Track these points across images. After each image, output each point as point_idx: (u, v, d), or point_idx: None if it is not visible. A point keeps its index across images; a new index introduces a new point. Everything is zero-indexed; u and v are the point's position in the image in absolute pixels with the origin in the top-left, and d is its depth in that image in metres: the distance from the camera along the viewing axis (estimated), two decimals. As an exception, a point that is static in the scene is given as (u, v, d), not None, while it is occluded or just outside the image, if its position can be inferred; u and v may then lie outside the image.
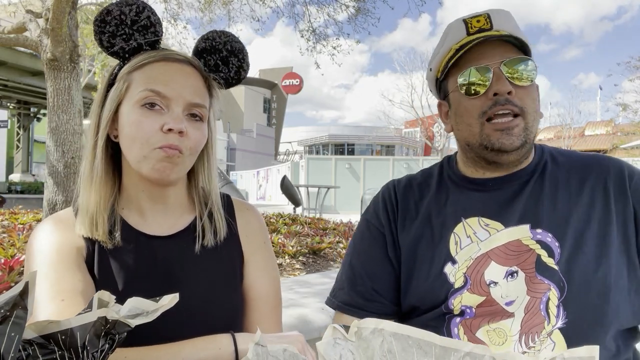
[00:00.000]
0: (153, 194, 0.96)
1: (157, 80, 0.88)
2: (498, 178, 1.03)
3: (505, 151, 0.97)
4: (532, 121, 0.97)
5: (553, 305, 0.90)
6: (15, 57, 14.77)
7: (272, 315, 1.02)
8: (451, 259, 0.99)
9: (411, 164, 19.77)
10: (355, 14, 8.08)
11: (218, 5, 8.24)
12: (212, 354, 0.82)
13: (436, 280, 0.99)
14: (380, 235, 1.09)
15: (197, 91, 0.91)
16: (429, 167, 1.18)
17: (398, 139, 44.56)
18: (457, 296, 0.96)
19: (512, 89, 0.95)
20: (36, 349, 0.46)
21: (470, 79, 0.99)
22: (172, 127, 0.86)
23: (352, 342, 0.51)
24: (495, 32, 0.97)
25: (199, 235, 0.98)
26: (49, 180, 4.55)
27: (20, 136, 20.48)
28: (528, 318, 0.91)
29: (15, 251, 3.32)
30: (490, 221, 0.99)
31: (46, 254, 0.88)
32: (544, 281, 0.91)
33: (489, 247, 0.96)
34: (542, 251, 0.93)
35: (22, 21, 5.14)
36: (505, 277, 0.93)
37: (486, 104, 0.97)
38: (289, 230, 5.41)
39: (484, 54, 0.98)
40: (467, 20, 1.01)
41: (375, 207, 1.14)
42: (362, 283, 1.07)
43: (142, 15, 0.91)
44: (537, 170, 1.02)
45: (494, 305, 0.93)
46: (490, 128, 0.97)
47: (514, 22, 1.03)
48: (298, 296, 2.81)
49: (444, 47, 1.04)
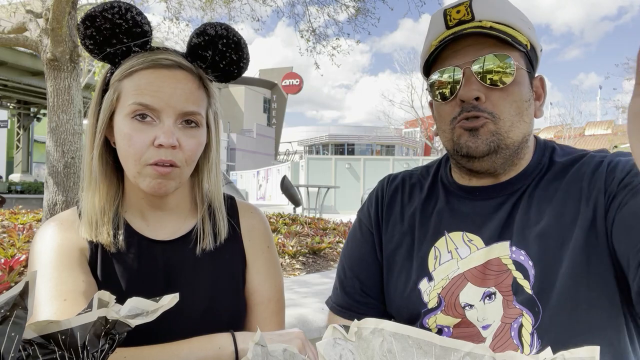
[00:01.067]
0: (153, 202, 0.95)
1: (145, 91, 0.85)
2: (487, 187, 0.94)
3: (474, 156, 0.88)
4: (508, 126, 0.86)
5: (527, 333, 0.83)
6: (15, 57, 14.76)
7: (275, 319, 1.02)
8: (428, 274, 0.93)
9: (411, 164, 19.72)
10: (355, 14, 8.09)
11: (219, 4, 8.24)
12: (212, 353, 0.81)
13: (411, 294, 0.94)
14: (370, 235, 1.05)
15: (190, 97, 0.87)
16: (429, 164, 1.11)
17: (398, 139, 44.54)
18: (432, 316, 0.91)
19: (482, 94, 0.86)
20: (36, 349, 0.46)
21: (440, 82, 0.90)
22: (163, 142, 0.84)
23: (352, 342, 0.51)
24: (476, 23, 0.88)
25: (199, 237, 0.97)
26: (49, 180, 4.55)
27: (20, 136, 20.47)
28: (496, 344, 0.85)
29: (15, 251, 3.32)
30: (473, 236, 0.91)
31: (49, 254, 0.88)
32: (516, 306, 0.84)
33: (467, 266, 0.89)
34: (518, 273, 0.85)
35: (22, 21, 5.14)
36: (482, 299, 0.87)
37: (455, 110, 0.89)
38: (289, 230, 5.41)
39: (458, 52, 0.88)
40: (447, 11, 0.91)
41: (369, 204, 1.10)
42: (352, 284, 1.04)
43: (127, 17, 0.87)
44: (530, 177, 0.92)
45: (471, 327, 0.87)
46: (459, 128, 0.89)
47: (505, 6, 0.91)
48: (298, 296, 2.81)
49: (426, 42, 0.96)
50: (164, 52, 0.90)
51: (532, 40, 0.92)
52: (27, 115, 20.30)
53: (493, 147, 0.87)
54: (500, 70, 0.86)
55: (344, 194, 17.17)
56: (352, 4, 8.01)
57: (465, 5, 0.89)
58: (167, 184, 0.87)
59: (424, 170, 1.10)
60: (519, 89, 0.88)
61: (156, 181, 0.86)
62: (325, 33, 8.61)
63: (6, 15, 7.89)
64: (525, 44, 0.90)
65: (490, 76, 0.86)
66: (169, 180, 0.87)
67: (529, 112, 0.90)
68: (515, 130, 0.87)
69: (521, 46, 0.88)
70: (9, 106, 19.91)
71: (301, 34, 8.44)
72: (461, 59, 0.88)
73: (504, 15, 0.89)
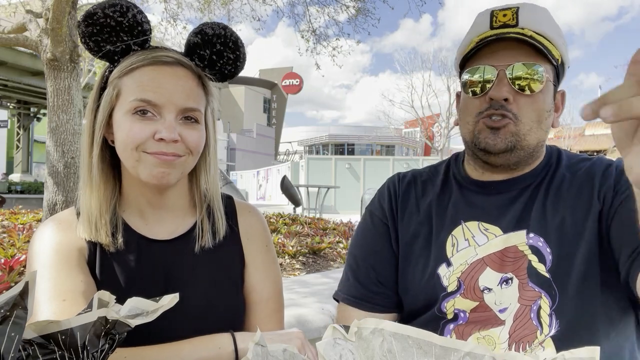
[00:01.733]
0: (151, 199, 0.95)
1: (147, 87, 0.85)
2: (500, 182, 1.00)
3: (490, 152, 0.94)
4: (527, 129, 0.92)
5: (545, 314, 0.88)
6: (15, 57, 14.76)
7: (274, 318, 1.02)
8: (446, 260, 0.97)
9: (411, 164, 19.73)
10: (355, 15, 8.09)
11: (217, 5, 8.24)
12: (212, 353, 0.81)
13: (430, 280, 0.97)
14: (384, 226, 1.08)
15: (190, 94, 0.88)
16: (436, 164, 1.16)
17: (398, 139, 44.56)
18: (450, 300, 0.95)
19: (511, 96, 0.91)
20: (36, 349, 0.46)
21: (474, 77, 0.96)
22: (165, 136, 0.84)
23: (352, 342, 0.51)
24: (519, 29, 0.93)
25: (198, 236, 0.97)
26: (49, 180, 4.55)
27: (20, 136, 20.47)
28: (517, 326, 0.89)
29: (15, 251, 3.32)
30: (489, 225, 0.97)
31: (48, 254, 0.88)
32: (534, 288, 0.89)
33: (485, 252, 0.94)
34: (533, 256, 0.91)
35: (22, 21, 5.14)
36: (500, 284, 0.92)
37: (483, 106, 0.94)
38: (289, 230, 5.41)
39: (497, 53, 0.93)
40: (494, 13, 0.96)
41: (380, 198, 1.13)
42: (367, 274, 1.07)
43: (128, 15, 0.87)
44: (540, 175, 0.99)
45: (488, 311, 0.92)
46: (482, 124, 0.94)
47: (548, 20, 0.97)
48: (298, 296, 2.81)
49: (467, 37, 1.01)
50: (164, 50, 0.91)
51: (564, 57, 0.99)
52: (27, 115, 20.31)
53: (510, 146, 0.92)
54: (530, 77, 0.91)
55: (344, 194, 17.17)
56: (352, 4, 8.01)
57: (512, 10, 0.95)
58: (170, 174, 0.87)
59: (433, 169, 1.15)
60: (543, 99, 0.94)
61: (158, 169, 0.86)
62: (325, 33, 8.62)
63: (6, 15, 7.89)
64: (557, 58, 0.96)
65: (520, 82, 0.91)
66: (171, 169, 0.87)
67: (547, 121, 0.96)
68: (532, 135, 0.94)
69: (554, 59, 0.94)
70: (9, 106, 19.92)
71: (301, 34, 8.44)
72: (498, 60, 0.93)
73: (545, 27, 0.94)
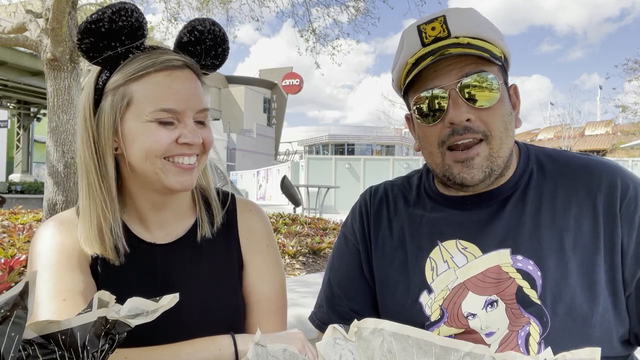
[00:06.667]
0: (157, 203, 0.95)
1: (166, 97, 0.85)
2: (476, 196, 0.93)
3: (467, 185, 0.88)
4: (499, 144, 0.87)
5: (534, 342, 0.83)
6: (15, 57, 14.74)
7: (275, 318, 1.02)
8: (427, 287, 0.92)
9: (411, 163, 19.72)
10: (355, 14, 8.09)
11: (215, 4, 8.23)
12: (212, 355, 0.81)
13: (412, 308, 0.93)
14: (356, 252, 1.03)
15: (201, 95, 0.90)
16: (410, 175, 1.09)
17: (398, 139, 44.47)
18: (435, 329, 0.90)
19: (471, 115, 0.85)
20: (36, 349, 0.46)
21: (425, 105, 0.88)
22: (190, 141, 0.86)
23: (352, 342, 0.51)
24: (453, 40, 0.87)
25: (198, 225, 0.98)
26: (49, 180, 4.54)
27: (20, 136, 20.45)
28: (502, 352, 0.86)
29: (15, 251, 3.32)
30: (468, 244, 0.90)
31: (48, 254, 0.88)
32: (524, 315, 0.84)
33: (466, 275, 0.88)
34: (524, 282, 0.84)
35: (22, 21, 5.13)
36: (485, 308, 0.86)
37: (444, 132, 0.87)
38: (289, 230, 5.41)
39: (440, 73, 0.86)
40: (421, 28, 0.90)
41: (352, 219, 1.07)
42: (340, 303, 1.02)
43: (132, 19, 0.86)
44: (520, 184, 0.92)
45: (474, 335, 0.87)
46: (451, 158, 0.88)
47: (476, 18, 0.91)
48: (298, 296, 2.81)
49: (401, 59, 0.94)
50: (168, 53, 0.90)
51: (505, 50, 0.93)
52: (27, 115, 20.29)
53: (488, 172, 0.87)
54: (484, 88, 0.85)
55: (344, 194, 17.16)
56: (352, 4, 8.01)
57: (439, 21, 0.88)
58: (192, 179, 0.90)
59: (405, 181, 1.08)
60: (503, 105, 0.88)
61: (183, 178, 0.88)
62: (325, 33, 8.62)
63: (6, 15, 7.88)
64: (500, 57, 0.90)
65: (476, 97, 0.85)
66: (193, 175, 0.90)
67: (512, 125, 0.91)
68: (504, 148, 0.88)
69: (498, 60, 0.88)
70: (9, 106, 19.90)
71: (301, 34, 8.45)
72: (444, 79, 0.86)
73: (478, 29, 0.89)
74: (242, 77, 47.35)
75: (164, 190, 0.91)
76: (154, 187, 0.90)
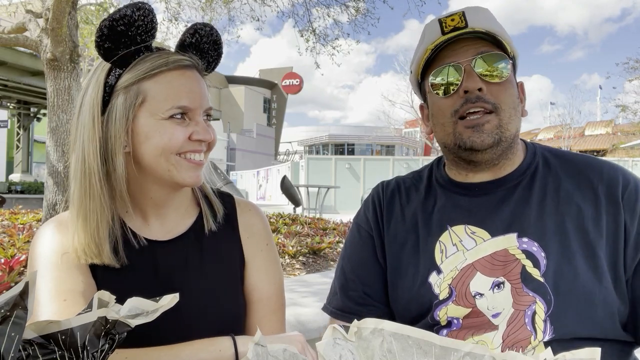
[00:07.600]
0: (160, 200, 0.95)
1: (182, 95, 0.88)
2: (485, 183, 1.00)
3: (477, 150, 0.94)
4: (508, 117, 0.94)
5: (540, 320, 0.87)
6: (15, 57, 14.74)
7: (275, 317, 1.02)
8: (436, 268, 0.96)
9: (411, 163, 19.74)
10: (355, 14, 8.09)
11: (219, 4, 8.24)
12: (212, 356, 0.81)
13: (421, 288, 0.97)
14: (370, 238, 1.08)
15: (207, 94, 0.94)
16: (419, 169, 1.16)
17: (398, 139, 44.52)
18: (443, 308, 0.94)
19: (483, 86, 0.93)
20: (36, 349, 0.46)
21: (441, 78, 0.97)
22: (203, 137, 0.90)
23: (352, 342, 0.51)
24: (470, 29, 0.95)
25: (205, 219, 1.00)
26: (49, 180, 4.55)
27: (20, 136, 20.44)
28: (510, 331, 0.88)
29: (15, 251, 3.32)
30: (476, 229, 0.96)
31: (49, 255, 0.88)
32: (529, 293, 0.88)
33: (475, 257, 0.93)
34: (527, 261, 0.89)
35: (22, 21, 5.14)
36: (492, 289, 0.91)
37: (458, 102, 0.95)
38: (289, 230, 5.41)
39: (457, 52, 0.96)
40: (441, 20, 0.98)
41: (365, 209, 1.13)
42: (354, 288, 1.06)
43: (148, 19, 0.87)
44: (526, 174, 0.98)
45: (481, 317, 0.91)
46: (462, 126, 0.94)
47: (492, 19, 1.00)
48: (298, 296, 2.81)
49: (421, 48, 1.01)
50: (177, 53, 0.93)
51: (515, 52, 1.01)
52: (27, 115, 20.29)
53: (496, 139, 0.93)
54: (496, 67, 0.94)
55: (344, 194, 17.17)
56: (352, 4, 8.01)
57: (459, 14, 0.97)
58: (201, 175, 0.93)
59: (416, 174, 1.14)
60: (512, 87, 0.97)
61: (195, 173, 0.91)
62: (325, 33, 8.61)
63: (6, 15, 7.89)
64: (510, 53, 0.98)
65: (489, 71, 0.94)
66: (202, 171, 0.93)
67: (519, 109, 0.99)
68: (512, 123, 0.95)
69: (508, 54, 0.97)
70: (9, 106, 19.90)
71: (301, 34, 8.45)
72: (460, 57, 0.95)
73: (493, 26, 0.97)
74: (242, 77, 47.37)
75: (173, 186, 0.93)
76: (162, 184, 0.92)
